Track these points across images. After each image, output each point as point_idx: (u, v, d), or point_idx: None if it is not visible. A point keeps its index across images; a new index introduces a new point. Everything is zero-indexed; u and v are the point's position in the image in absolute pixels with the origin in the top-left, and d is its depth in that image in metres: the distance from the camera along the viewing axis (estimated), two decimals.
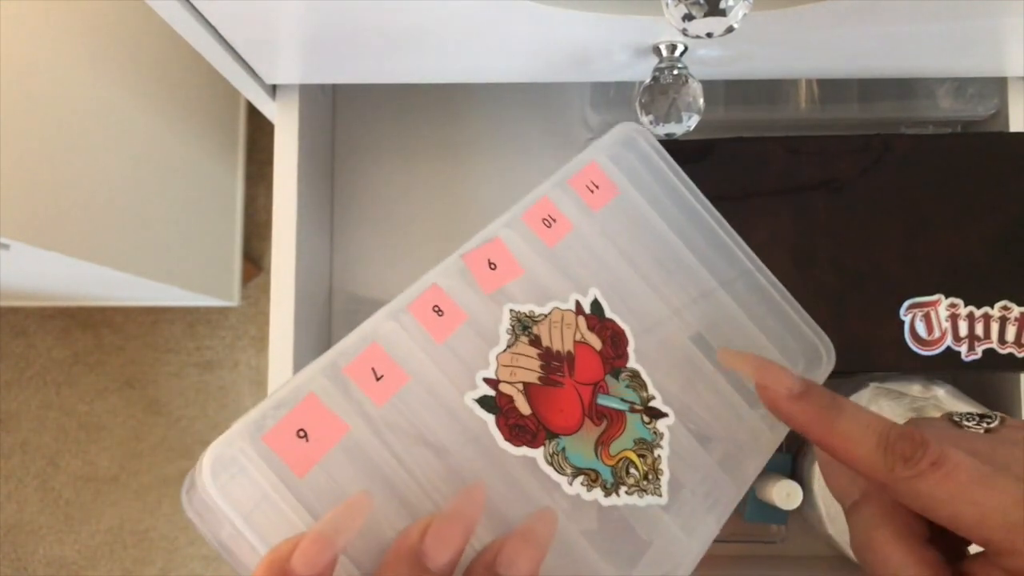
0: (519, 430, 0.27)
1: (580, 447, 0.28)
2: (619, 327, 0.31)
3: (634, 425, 0.29)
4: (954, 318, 0.46)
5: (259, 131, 1.26)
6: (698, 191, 0.35)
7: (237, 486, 0.24)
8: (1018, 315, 0.46)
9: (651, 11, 0.37)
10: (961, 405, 0.48)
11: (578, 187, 0.33)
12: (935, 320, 0.46)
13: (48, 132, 0.74)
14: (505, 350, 0.28)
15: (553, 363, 0.29)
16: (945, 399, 0.48)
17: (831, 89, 0.54)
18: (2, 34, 0.67)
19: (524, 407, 0.28)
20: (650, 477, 0.29)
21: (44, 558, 1.31)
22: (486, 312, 0.29)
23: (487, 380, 0.28)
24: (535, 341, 0.29)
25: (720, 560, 0.57)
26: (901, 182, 0.48)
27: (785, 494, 0.49)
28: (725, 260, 0.35)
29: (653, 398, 0.30)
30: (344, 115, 0.63)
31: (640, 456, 0.29)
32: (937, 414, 0.49)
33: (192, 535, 1.29)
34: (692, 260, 0.34)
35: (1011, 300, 0.46)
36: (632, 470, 0.28)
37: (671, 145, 0.49)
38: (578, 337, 0.30)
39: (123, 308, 1.32)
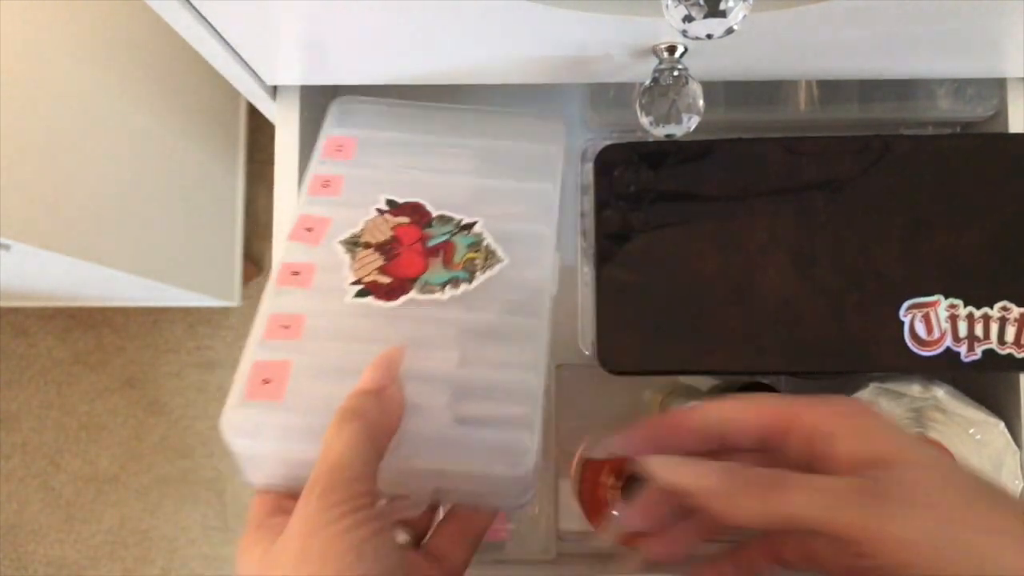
0: (391, 290, 0.39)
1: (435, 273, 0.40)
2: (415, 202, 0.44)
3: (460, 241, 0.42)
4: (953, 318, 0.46)
5: (259, 131, 1.26)
6: (417, 104, 0.49)
7: (254, 426, 0.35)
8: (1018, 315, 0.46)
9: (651, 12, 0.37)
10: (960, 406, 0.48)
11: (330, 155, 0.46)
12: (935, 320, 0.46)
13: (48, 132, 0.75)
14: (352, 261, 0.41)
15: (386, 247, 0.41)
16: (944, 399, 0.48)
17: (831, 90, 0.54)
18: (2, 34, 0.67)
19: (385, 279, 0.40)
20: (489, 257, 0.41)
21: (44, 558, 1.31)
22: (328, 256, 0.41)
23: (352, 283, 0.40)
24: (367, 244, 0.41)
25: None
26: (901, 183, 0.48)
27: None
28: (458, 122, 0.48)
29: (462, 220, 0.43)
30: None
31: (475, 251, 0.41)
32: (937, 414, 0.49)
33: (192, 535, 1.29)
34: (434, 139, 0.47)
35: (1010, 300, 0.46)
36: (476, 261, 0.41)
37: (671, 146, 0.50)
38: (391, 224, 0.42)
39: (124, 308, 1.32)
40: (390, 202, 0.44)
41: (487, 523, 0.35)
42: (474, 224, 0.42)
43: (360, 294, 0.39)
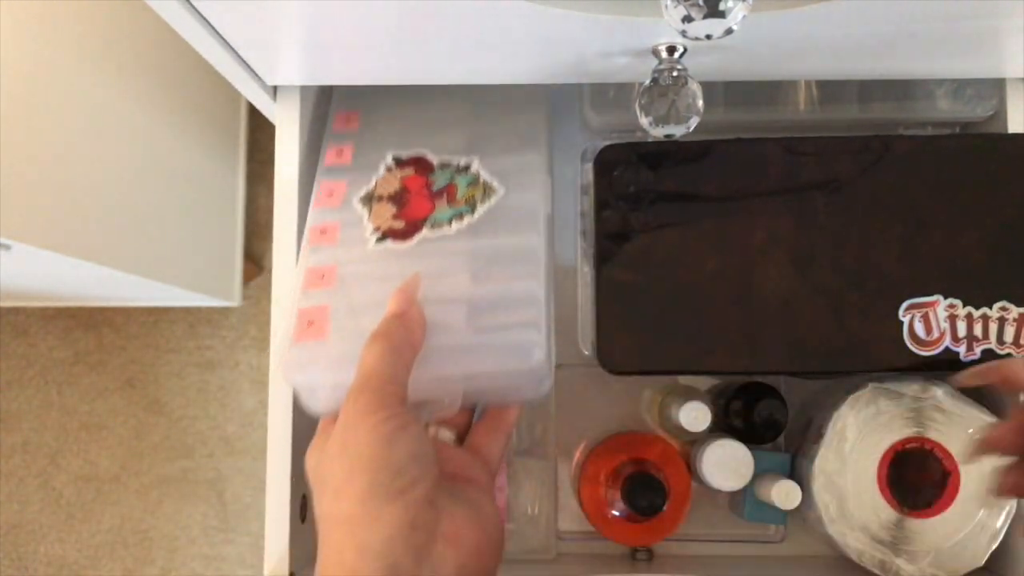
0: (405, 232, 0.45)
1: (442, 211, 0.46)
2: (417, 155, 0.49)
3: (461, 182, 0.47)
4: (952, 318, 0.46)
5: (260, 131, 1.26)
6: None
7: (306, 363, 0.40)
8: (1016, 316, 0.46)
9: (651, 12, 0.37)
10: (959, 405, 0.48)
11: (339, 128, 0.52)
12: (934, 320, 0.46)
13: (49, 132, 0.75)
14: (370, 214, 0.47)
15: (397, 196, 0.47)
16: (943, 399, 0.48)
17: (831, 90, 0.54)
18: (2, 34, 0.67)
19: (399, 224, 0.46)
20: (487, 191, 0.46)
21: (45, 557, 1.31)
22: (349, 214, 0.47)
23: (372, 232, 0.46)
24: (380, 197, 0.47)
25: (720, 560, 0.57)
26: (900, 183, 0.48)
27: (784, 494, 0.49)
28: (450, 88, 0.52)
29: (459, 162, 0.48)
30: None
31: (474, 187, 0.47)
32: (936, 414, 0.49)
33: (192, 534, 1.29)
34: (428, 99, 0.52)
35: (1009, 301, 0.46)
36: (476, 196, 0.46)
37: (671, 146, 0.50)
38: (399, 177, 0.48)
39: (124, 308, 1.32)
40: (396, 158, 0.49)
41: (515, 417, 0.42)
42: (470, 164, 0.48)
43: (380, 240, 0.45)
